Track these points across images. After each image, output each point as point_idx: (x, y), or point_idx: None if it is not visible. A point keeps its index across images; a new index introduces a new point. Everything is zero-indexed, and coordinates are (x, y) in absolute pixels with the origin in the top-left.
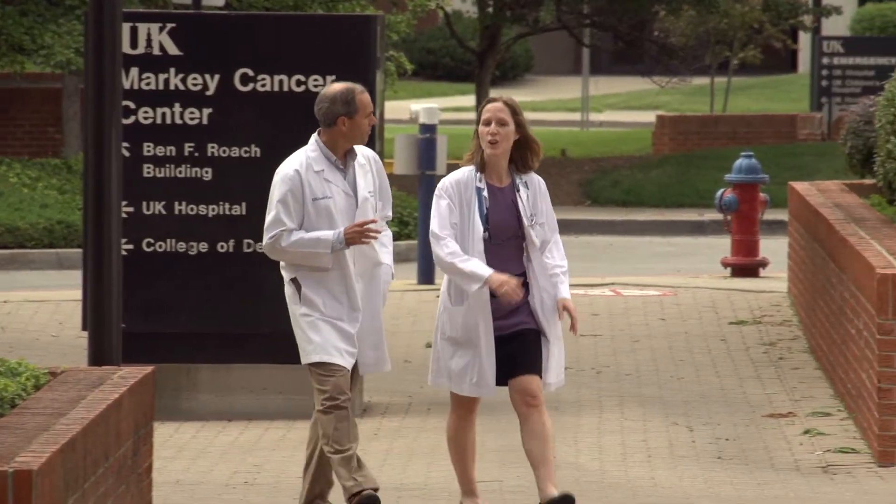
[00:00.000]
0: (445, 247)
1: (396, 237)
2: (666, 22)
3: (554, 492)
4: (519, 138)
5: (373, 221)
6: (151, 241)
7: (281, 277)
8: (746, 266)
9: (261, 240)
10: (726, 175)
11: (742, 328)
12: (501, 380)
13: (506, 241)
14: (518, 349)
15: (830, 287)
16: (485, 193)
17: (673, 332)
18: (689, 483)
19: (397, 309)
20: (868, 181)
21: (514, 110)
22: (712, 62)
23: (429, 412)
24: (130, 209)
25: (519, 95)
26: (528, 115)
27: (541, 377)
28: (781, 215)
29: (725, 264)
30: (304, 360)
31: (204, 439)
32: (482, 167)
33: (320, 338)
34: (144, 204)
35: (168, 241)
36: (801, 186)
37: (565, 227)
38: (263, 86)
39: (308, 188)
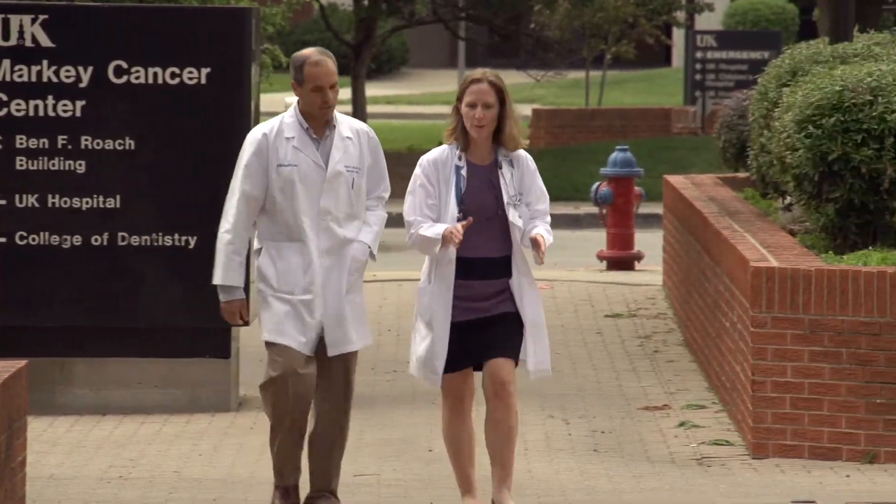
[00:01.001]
0: (410, 227)
1: None
2: (541, 16)
3: (508, 502)
4: (505, 113)
5: None
6: (24, 234)
7: (157, 272)
8: (622, 259)
9: (136, 232)
10: (602, 169)
11: (618, 321)
12: (478, 363)
13: (485, 221)
14: (494, 333)
15: (705, 280)
16: (463, 172)
17: (549, 325)
18: (565, 476)
19: None
20: (742, 175)
21: (499, 90)
22: (587, 56)
23: None
24: (3, 202)
25: (394, 89)
26: (404, 109)
27: (516, 363)
28: (656, 209)
29: (601, 257)
30: (264, 336)
31: (79, 434)
32: (465, 145)
33: (270, 315)
34: (17, 197)
35: (41, 234)
36: (675, 180)
37: None
38: (137, 78)
39: (274, 153)
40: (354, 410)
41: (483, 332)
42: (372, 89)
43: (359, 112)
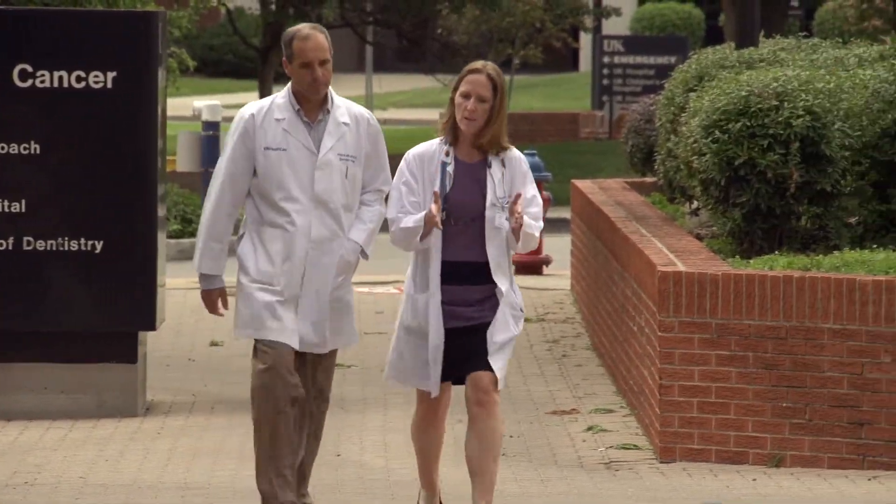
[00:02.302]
0: (391, 224)
1: (178, 234)
2: (449, 20)
3: None
4: (494, 112)
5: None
6: None
7: (63, 277)
8: (530, 264)
9: (42, 237)
10: None
11: (526, 325)
12: (459, 375)
13: (469, 223)
14: (477, 344)
15: (613, 284)
16: (449, 169)
17: None
18: None
19: (182, 307)
20: (649, 179)
21: (497, 84)
22: (495, 60)
23: (213, 411)
24: None
25: None
26: None
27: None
28: (564, 213)
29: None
30: (234, 332)
31: None
32: (453, 139)
33: (245, 308)
34: None
35: None
36: (583, 184)
37: None
38: (42, 82)
39: (262, 135)
40: None
41: (465, 341)
42: None
43: None
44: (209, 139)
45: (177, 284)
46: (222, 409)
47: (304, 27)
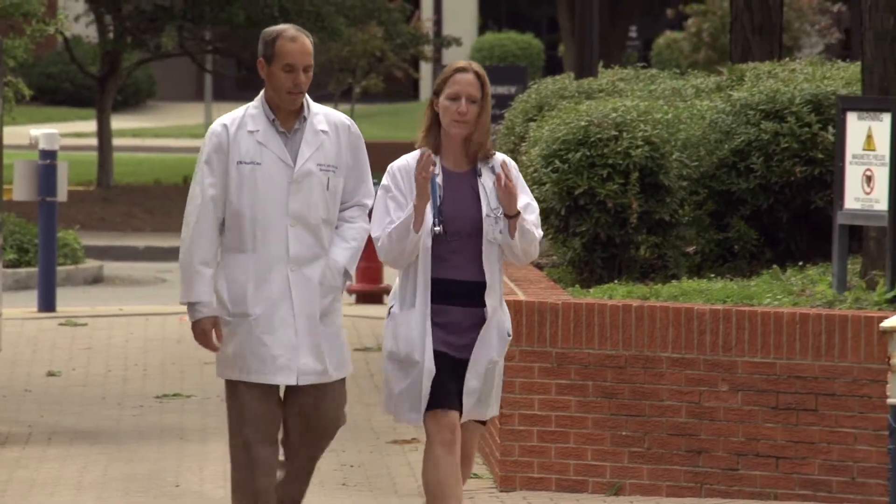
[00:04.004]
0: (377, 241)
1: (15, 264)
2: None
3: None
4: (484, 113)
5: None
6: None
7: None
8: (371, 293)
9: None
10: None
11: (367, 355)
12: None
13: (465, 238)
14: (456, 381)
15: None
16: (438, 180)
17: None
18: None
19: (17, 337)
20: None
21: (484, 84)
22: (336, 90)
23: (49, 442)
24: None
25: (141, 122)
26: (151, 142)
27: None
28: None
29: (350, 291)
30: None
31: None
32: (437, 147)
33: (229, 347)
34: None
35: None
36: None
37: None
38: None
39: (235, 148)
40: (99, 445)
41: (447, 370)
42: (118, 122)
43: (104, 145)
44: (46, 168)
45: (13, 314)
46: (59, 440)
47: (289, 27)
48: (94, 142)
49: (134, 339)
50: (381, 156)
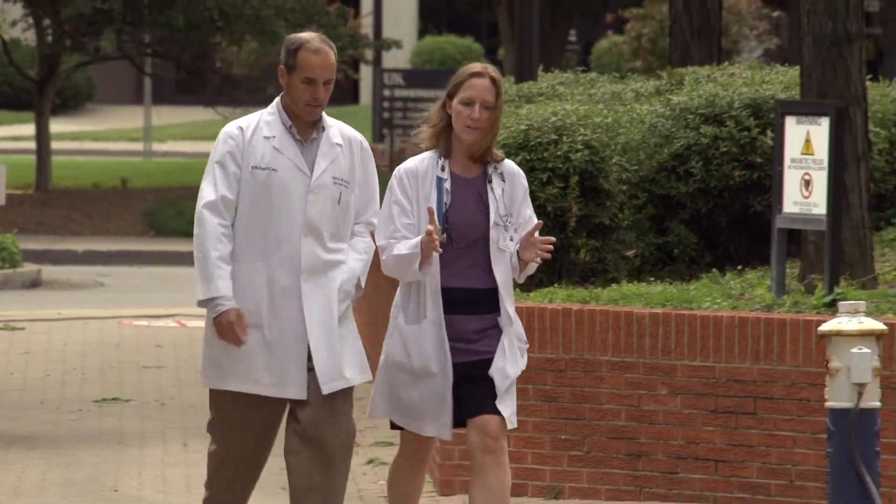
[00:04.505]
0: (383, 252)
1: None
2: (228, 53)
3: None
4: (497, 119)
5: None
6: None
7: None
8: None
9: None
10: None
11: None
12: (460, 418)
13: (472, 244)
14: (480, 384)
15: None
16: (447, 185)
17: None
18: None
19: None
20: None
21: (499, 90)
22: (275, 93)
23: None
24: None
25: (80, 125)
26: (89, 146)
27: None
28: None
29: None
30: (204, 382)
31: None
32: (447, 151)
33: (230, 358)
34: None
35: None
36: None
37: (129, 259)
38: None
39: (249, 153)
40: (38, 450)
41: (466, 380)
42: (57, 125)
43: (42, 148)
44: None
45: None
46: None
47: (313, 37)
48: (32, 145)
49: (73, 342)
50: None
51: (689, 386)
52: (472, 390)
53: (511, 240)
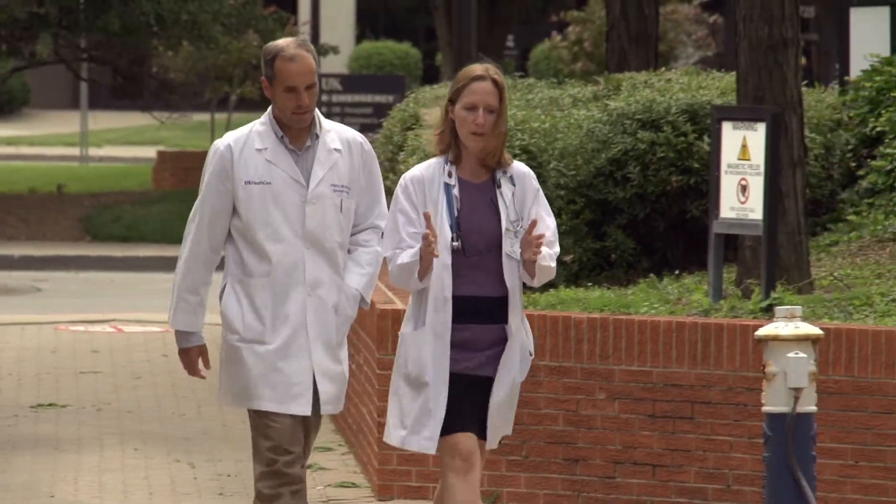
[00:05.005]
0: (389, 261)
1: None
2: (164, 58)
3: None
4: (502, 122)
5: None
6: None
7: None
8: None
9: None
10: None
11: None
12: (482, 431)
13: (485, 252)
14: (476, 399)
15: None
16: (455, 192)
17: (175, 369)
18: None
19: None
20: None
21: (503, 92)
22: (212, 98)
23: None
24: None
25: (15, 130)
26: (25, 150)
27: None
28: None
29: None
30: (220, 399)
31: None
32: (455, 157)
33: (234, 373)
34: None
35: None
36: None
37: (65, 264)
38: None
39: (241, 168)
40: None
41: (477, 393)
42: None
43: None
44: None
45: None
46: None
47: (289, 44)
48: None
49: (9, 348)
50: None
51: (626, 391)
52: (459, 405)
53: (520, 246)
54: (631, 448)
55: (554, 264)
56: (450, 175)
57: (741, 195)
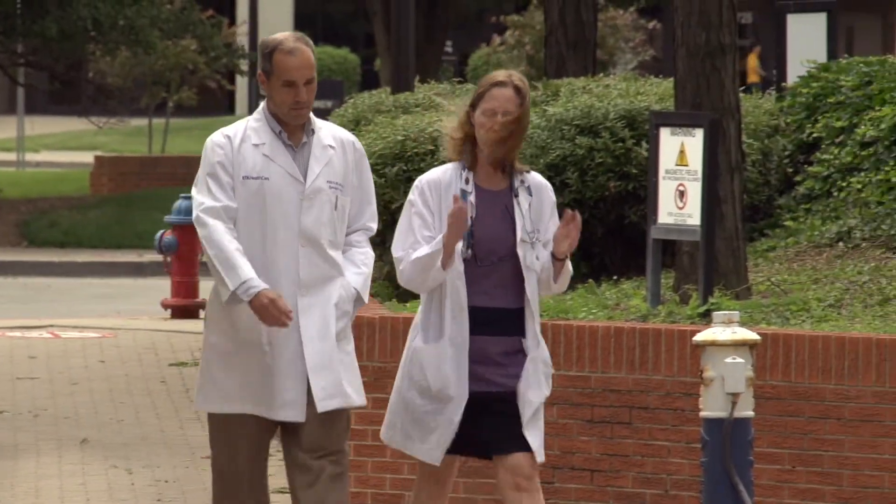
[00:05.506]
0: (399, 263)
1: None
2: (101, 63)
3: None
4: (522, 129)
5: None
6: None
7: None
8: (186, 307)
9: None
10: (166, 216)
11: (182, 370)
12: (486, 451)
13: (498, 262)
14: (508, 416)
15: None
16: (471, 198)
17: (113, 375)
18: None
19: None
20: None
21: (524, 98)
22: (150, 103)
23: None
24: None
25: None
26: None
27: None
28: None
29: (165, 306)
30: (198, 405)
31: None
32: (472, 163)
33: (216, 376)
34: None
35: None
36: None
37: (1, 269)
38: None
39: (239, 162)
40: None
41: (491, 412)
42: None
43: None
44: None
45: None
46: None
47: (288, 37)
48: None
49: None
50: (196, 168)
51: (565, 396)
52: (497, 424)
53: (538, 258)
54: (569, 453)
55: (570, 274)
56: (467, 181)
57: (679, 201)
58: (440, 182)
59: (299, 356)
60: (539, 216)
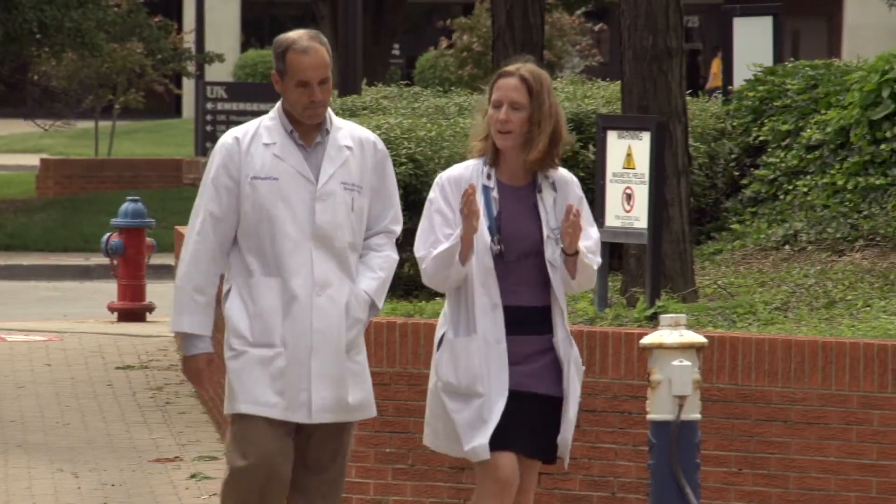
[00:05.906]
0: (422, 261)
1: None
2: (47, 65)
3: None
4: (535, 123)
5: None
6: None
7: None
8: (133, 310)
9: None
10: (112, 219)
11: (129, 373)
12: (527, 450)
13: (523, 258)
14: (533, 422)
15: None
16: (494, 194)
17: (59, 378)
18: None
19: None
20: None
21: (532, 88)
22: (96, 106)
23: None
24: None
25: None
26: None
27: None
28: (168, 259)
29: (112, 309)
30: (226, 408)
31: None
32: (493, 159)
33: (238, 378)
34: None
35: None
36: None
37: None
38: None
39: (248, 163)
40: None
41: (523, 411)
42: None
43: None
44: None
45: None
46: None
47: (301, 36)
48: None
49: None
50: (142, 171)
51: None
52: (503, 423)
53: (558, 252)
54: None
55: (596, 268)
56: (489, 177)
57: (626, 204)
58: (461, 178)
59: (310, 358)
60: (563, 212)
